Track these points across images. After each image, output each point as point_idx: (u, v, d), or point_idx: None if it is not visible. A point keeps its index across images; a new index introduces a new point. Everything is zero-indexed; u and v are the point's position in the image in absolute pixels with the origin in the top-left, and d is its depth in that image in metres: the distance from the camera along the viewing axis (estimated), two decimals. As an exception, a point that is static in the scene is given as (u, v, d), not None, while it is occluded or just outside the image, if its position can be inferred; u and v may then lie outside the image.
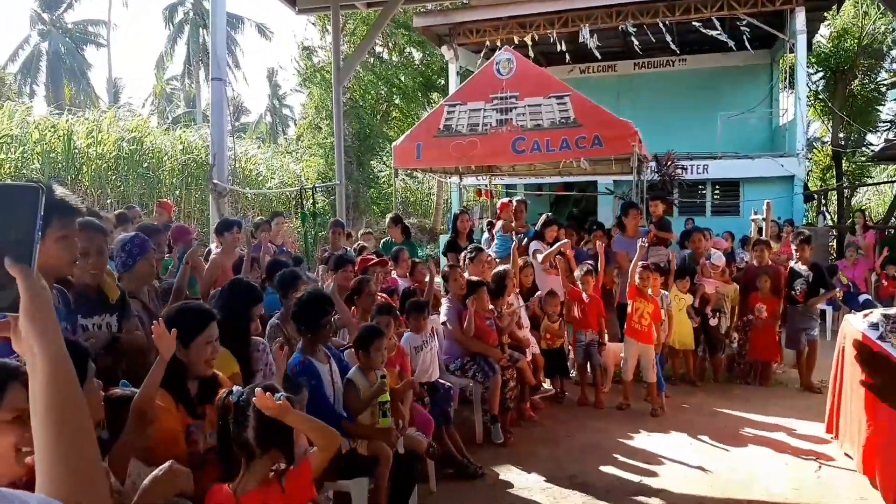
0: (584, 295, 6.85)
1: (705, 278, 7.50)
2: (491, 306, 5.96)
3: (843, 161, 17.97)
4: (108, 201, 14.27)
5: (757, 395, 7.08)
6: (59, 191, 2.57)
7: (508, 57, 8.54)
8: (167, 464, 2.09)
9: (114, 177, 15.47)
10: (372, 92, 22.98)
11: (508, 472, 5.03)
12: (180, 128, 20.37)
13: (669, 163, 13.16)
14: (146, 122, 19.65)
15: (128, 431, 2.31)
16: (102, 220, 4.21)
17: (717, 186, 16.51)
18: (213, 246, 5.99)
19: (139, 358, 3.10)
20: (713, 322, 7.50)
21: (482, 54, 16.21)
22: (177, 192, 16.85)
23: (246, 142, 24.05)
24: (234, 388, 2.32)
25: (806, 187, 15.12)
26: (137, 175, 15.92)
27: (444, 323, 5.79)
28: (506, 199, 8.30)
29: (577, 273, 7.01)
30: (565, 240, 7.52)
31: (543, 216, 7.88)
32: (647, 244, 6.69)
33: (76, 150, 14.73)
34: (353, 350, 3.98)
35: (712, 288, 7.49)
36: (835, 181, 18.27)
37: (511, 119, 8.48)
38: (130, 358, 3.15)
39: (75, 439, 1.01)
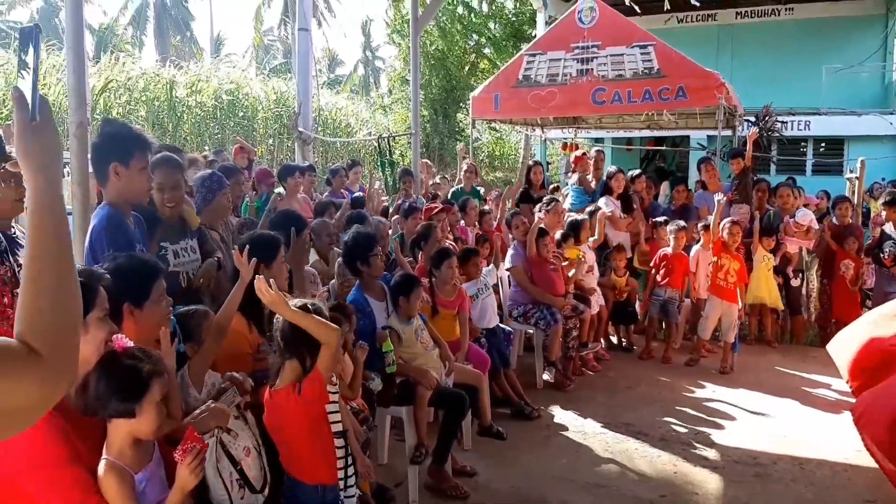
0: (669, 251, 6.70)
1: (788, 237, 7.18)
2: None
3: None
4: (207, 147, 15.01)
5: (836, 358, 6.83)
6: (136, 128, 2.87)
7: (591, 5, 8.30)
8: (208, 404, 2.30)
9: (212, 125, 16.24)
10: (460, 44, 22.83)
11: (564, 416, 5.16)
12: (276, 78, 21.03)
13: (767, 117, 12.56)
14: (243, 73, 20.37)
15: (207, 345, 2.59)
16: (185, 158, 4.56)
17: (820, 144, 15.61)
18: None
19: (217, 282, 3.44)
20: (795, 283, 7.21)
21: (572, 1, 15.78)
22: (270, 141, 17.50)
23: (338, 95, 24.53)
24: None
25: (917, 147, 14.09)
26: (234, 124, 16.64)
27: (508, 269, 5.90)
28: (580, 153, 8.19)
29: (669, 228, 6.78)
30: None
31: (610, 168, 7.72)
32: (723, 200, 6.49)
33: (177, 100, 15.55)
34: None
35: (795, 247, 7.17)
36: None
37: (592, 69, 8.31)
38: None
39: (49, 281, 0.99)
